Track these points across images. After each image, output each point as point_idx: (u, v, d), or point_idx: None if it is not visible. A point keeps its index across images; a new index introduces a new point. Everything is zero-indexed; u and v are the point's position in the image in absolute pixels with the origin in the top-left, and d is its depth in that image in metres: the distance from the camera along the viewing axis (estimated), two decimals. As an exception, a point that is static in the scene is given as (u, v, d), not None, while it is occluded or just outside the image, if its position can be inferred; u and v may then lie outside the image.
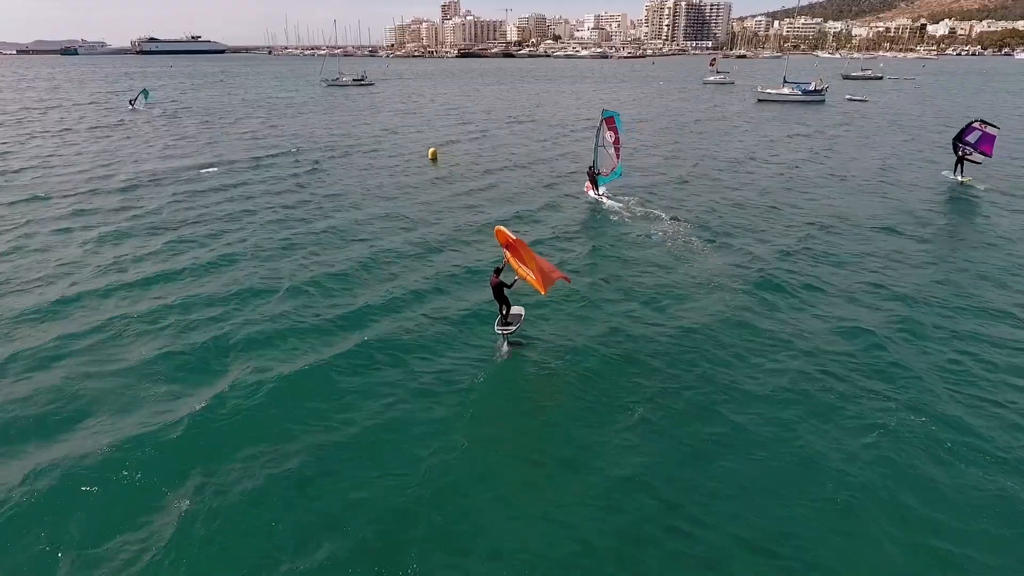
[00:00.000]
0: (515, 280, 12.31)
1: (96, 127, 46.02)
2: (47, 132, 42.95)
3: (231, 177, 28.31)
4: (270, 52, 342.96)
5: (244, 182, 27.35)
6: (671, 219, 21.47)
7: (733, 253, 18.23)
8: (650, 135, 42.17)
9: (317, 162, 31.91)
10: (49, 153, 34.74)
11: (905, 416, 10.16)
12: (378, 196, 25.03)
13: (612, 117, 23.26)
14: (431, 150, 34.32)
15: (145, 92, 61.95)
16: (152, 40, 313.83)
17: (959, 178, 27.29)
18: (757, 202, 24.22)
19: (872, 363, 11.88)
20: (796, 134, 42.71)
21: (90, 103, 65.40)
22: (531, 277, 11.79)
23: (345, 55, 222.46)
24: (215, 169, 30.14)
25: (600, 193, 24.13)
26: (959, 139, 27.19)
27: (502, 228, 11.97)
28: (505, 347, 12.35)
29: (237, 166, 30.94)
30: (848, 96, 70.27)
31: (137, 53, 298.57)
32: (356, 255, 17.87)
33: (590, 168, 24.55)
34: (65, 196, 24.87)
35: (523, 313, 12.91)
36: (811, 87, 68.02)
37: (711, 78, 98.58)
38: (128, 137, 40.95)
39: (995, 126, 26.08)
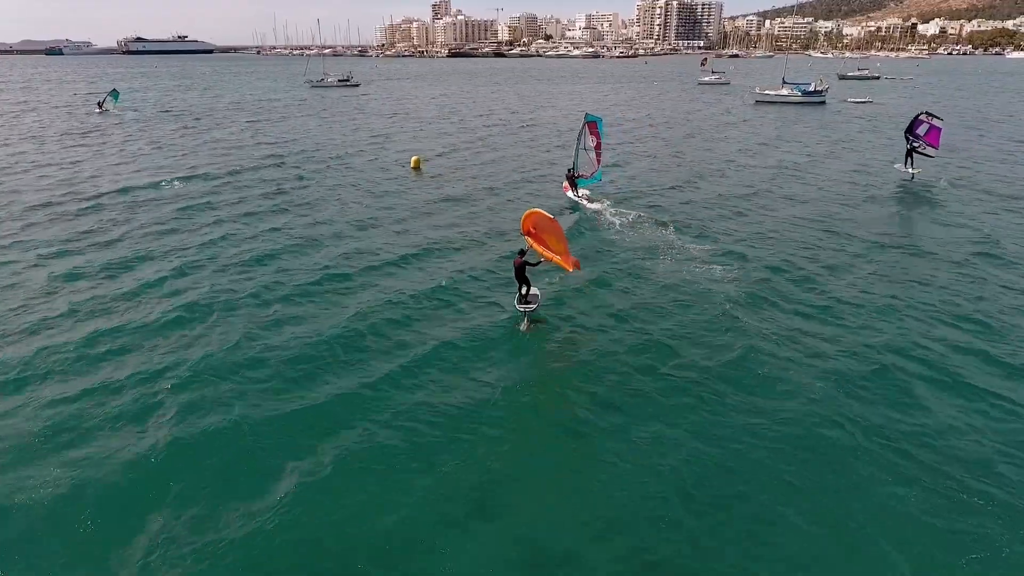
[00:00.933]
0: (539, 260, 13.12)
1: (66, 134, 43.03)
2: (8, 141, 39.80)
3: (203, 197, 25.45)
4: (258, 52, 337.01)
5: (217, 204, 24.43)
6: (714, 242, 19.23)
7: (793, 285, 15.97)
8: (664, 143, 39.85)
9: (299, 178, 28.95)
10: (6, 165, 31.90)
11: None
12: (365, 224, 21.91)
13: (595, 122, 23.35)
14: (414, 159, 31.86)
15: (115, 93, 58.26)
16: (139, 40, 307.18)
17: (910, 170, 27.67)
18: (810, 221, 21.91)
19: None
20: (823, 139, 40.57)
21: (66, 106, 62.09)
22: (557, 258, 12.56)
23: (334, 55, 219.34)
24: (185, 185, 27.40)
25: (579, 195, 24.08)
26: (910, 132, 27.51)
27: (538, 210, 12.43)
28: (526, 324, 13.01)
29: (211, 183, 28.08)
30: (851, 99, 68.13)
31: (123, 53, 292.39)
32: (340, 312, 14.79)
33: (569, 170, 24.52)
34: (13, 221, 22.15)
35: (540, 295, 13.57)
36: (811, 88, 66.03)
37: (706, 78, 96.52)
38: (100, 145, 38.06)
39: (939, 118, 26.74)
